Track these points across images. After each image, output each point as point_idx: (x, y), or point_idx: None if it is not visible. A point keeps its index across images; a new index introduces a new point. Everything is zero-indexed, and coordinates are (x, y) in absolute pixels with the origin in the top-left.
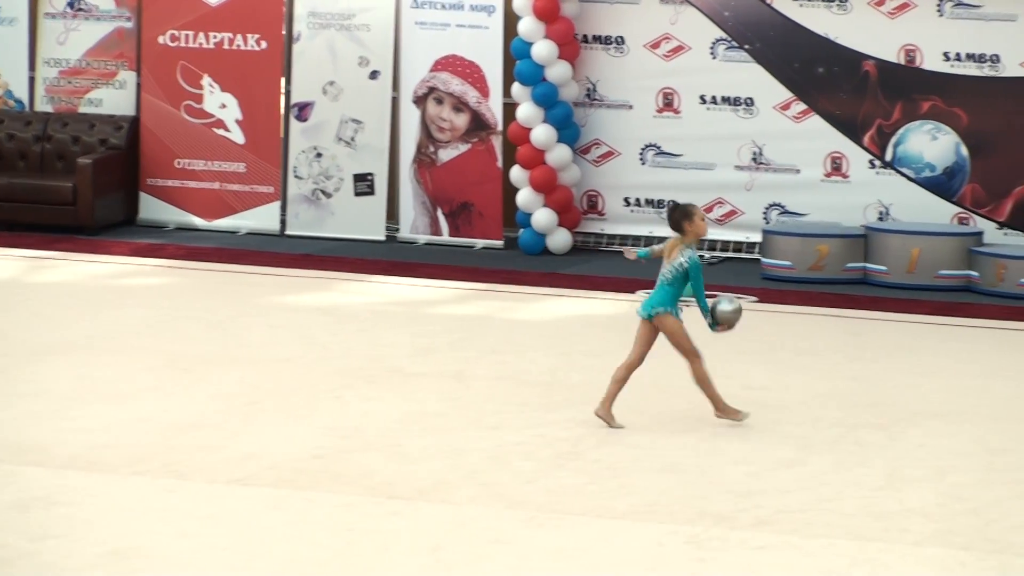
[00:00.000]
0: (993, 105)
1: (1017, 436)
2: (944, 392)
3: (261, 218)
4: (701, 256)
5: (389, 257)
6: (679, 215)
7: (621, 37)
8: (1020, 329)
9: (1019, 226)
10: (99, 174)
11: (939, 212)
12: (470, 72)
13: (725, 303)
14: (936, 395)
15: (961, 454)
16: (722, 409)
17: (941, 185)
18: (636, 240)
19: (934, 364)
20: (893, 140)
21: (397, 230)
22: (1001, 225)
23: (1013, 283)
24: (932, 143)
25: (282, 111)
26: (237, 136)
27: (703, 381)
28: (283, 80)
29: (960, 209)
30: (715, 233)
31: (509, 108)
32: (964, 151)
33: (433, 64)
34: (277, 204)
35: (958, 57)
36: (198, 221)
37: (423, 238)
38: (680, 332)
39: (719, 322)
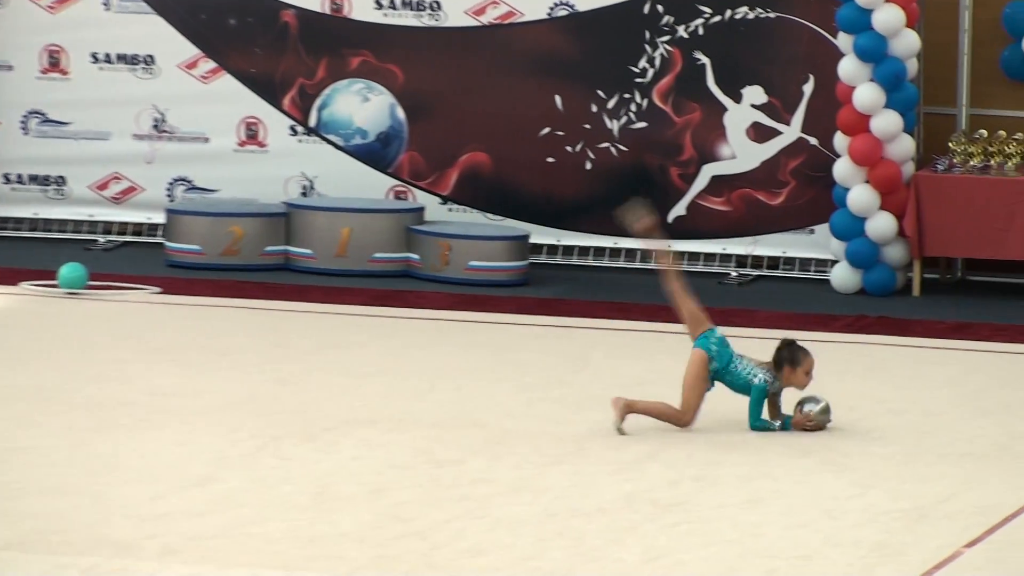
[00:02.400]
0: (433, 60)
1: (464, 445)
2: (382, 396)
3: None
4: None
5: None
6: (787, 356)
7: None
8: (468, 320)
9: (465, 200)
10: None
11: (373, 185)
12: None
13: (811, 404)
14: (373, 399)
15: (401, 467)
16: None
17: (374, 154)
18: (19, 223)
19: (370, 363)
20: (318, 102)
21: None
22: (445, 199)
23: (460, 267)
24: (363, 105)
25: None
26: None
27: (661, 414)
28: None
29: (397, 181)
30: (111, 214)
31: None
32: (401, 114)
33: None
34: None
35: (392, 5)
36: None
37: None
38: (696, 376)
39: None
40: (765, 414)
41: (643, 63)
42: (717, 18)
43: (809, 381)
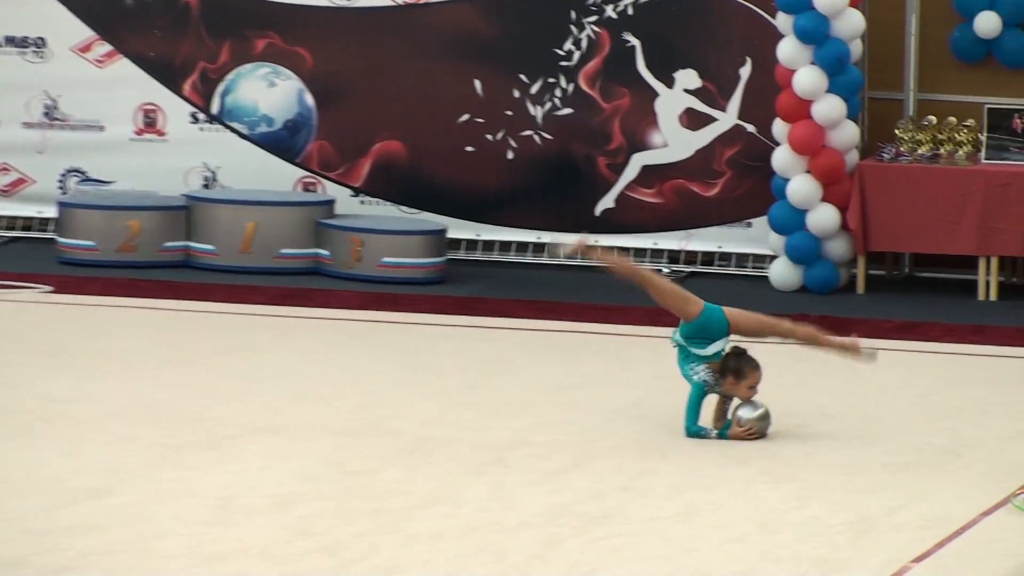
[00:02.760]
0: (345, 43)
1: (377, 454)
2: (289, 402)
3: None
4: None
5: None
6: (732, 366)
7: None
8: (381, 320)
9: (379, 192)
10: None
11: (280, 176)
12: None
13: (747, 409)
14: (279, 406)
15: (310, 478)
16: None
17: (281, 143)
18: None
19: (276, 367)
20: (221, 88)
21: None
22: (356, 192)
23: (372, 263)
24: (269, 91)
25: None
26: None
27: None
28: None
29: (306, 172)
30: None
31: None
32: (309, 100)
33: None
34: None
35: None
36: None
37: None
38: (679, 296)
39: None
40: (707, 418)
41: (569, 45)
42: None
43: (752, 395)
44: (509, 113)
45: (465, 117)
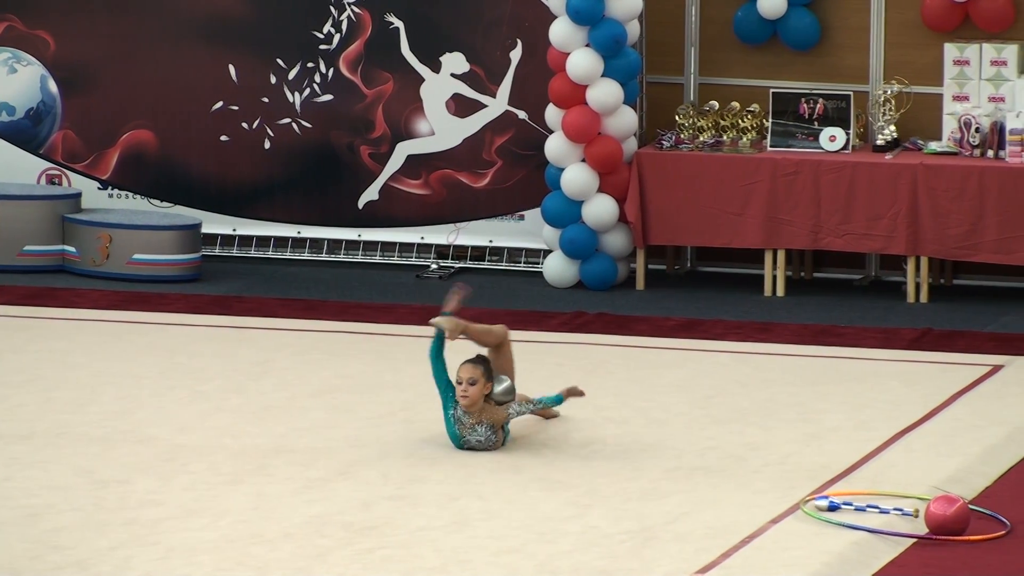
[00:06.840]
0: (90, 26)
1: (131, 463)
2: (36, 407)
3: None
4: None
5: None
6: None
7: None
8: (133, 321)
9: (128, 185)
10: None
11: (23, 168)
12: None
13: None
14: (25, 411)
15: (59, 488)
16: None
17: (24, 132)
18: None
19: (21, 371)
20: None
21: None
22: (104, 184)
23: (122, 260)
24: (11, 77)
25: None
26: None
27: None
28: None
29: (50, 164)
30: None
31: None
32: (53, 87)
33: None
34: None
35: None
36: None
37: None
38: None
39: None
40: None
41: (328, 27)
42: None
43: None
44: (265, 100)
45: (219, 104)
